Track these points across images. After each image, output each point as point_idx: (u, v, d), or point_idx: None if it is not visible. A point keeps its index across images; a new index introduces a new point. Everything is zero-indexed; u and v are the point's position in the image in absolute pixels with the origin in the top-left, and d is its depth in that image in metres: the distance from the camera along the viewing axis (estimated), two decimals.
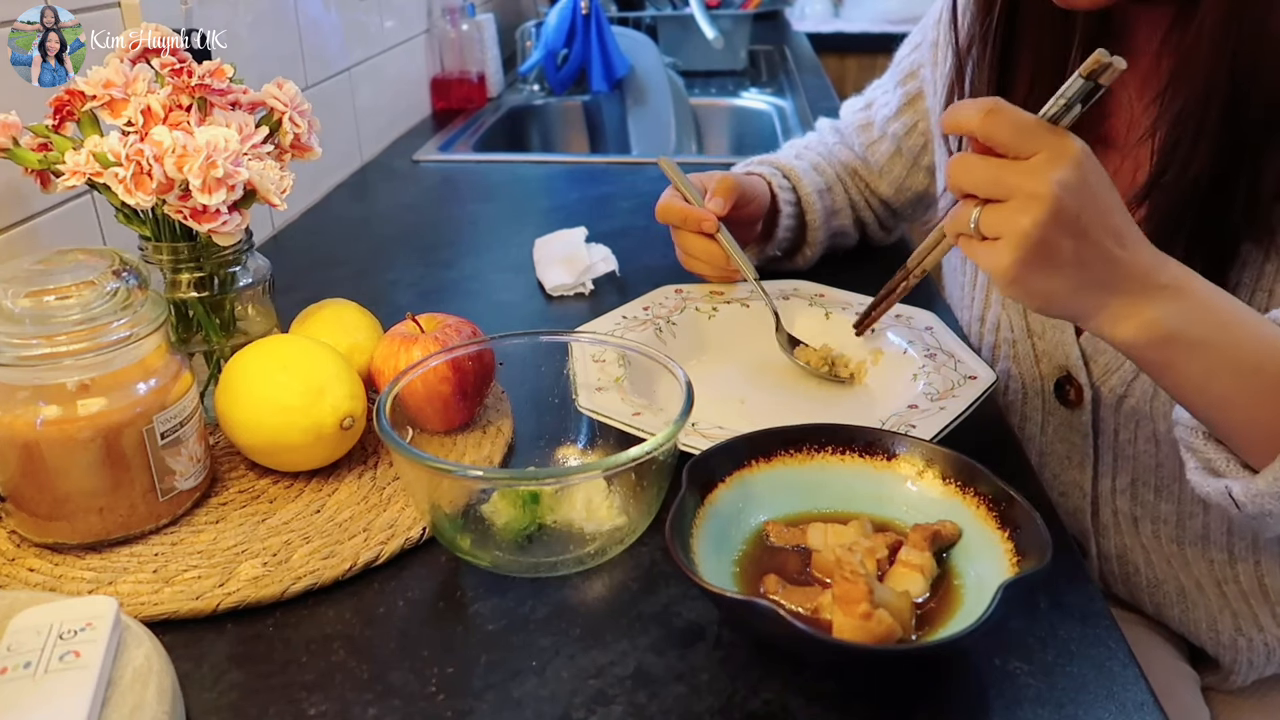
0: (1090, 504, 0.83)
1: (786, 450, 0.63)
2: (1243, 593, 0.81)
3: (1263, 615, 0.81)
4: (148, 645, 0.51)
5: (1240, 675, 0.83)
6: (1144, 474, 0.80)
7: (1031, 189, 0.53)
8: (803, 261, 1.01)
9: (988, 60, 0.77)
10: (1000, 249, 0.55)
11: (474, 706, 0.51)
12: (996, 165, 0.55)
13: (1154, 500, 0.80)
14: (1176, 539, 0.81)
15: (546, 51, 1.99)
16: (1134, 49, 0.73)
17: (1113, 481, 0.82)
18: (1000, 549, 0.55)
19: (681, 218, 0.88)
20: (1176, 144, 0.66)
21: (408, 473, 0.60)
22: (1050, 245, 0.54)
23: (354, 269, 1.11)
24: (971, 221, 0.56)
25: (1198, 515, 0.79)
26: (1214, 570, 0.81)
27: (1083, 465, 0.83)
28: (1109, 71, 0.53)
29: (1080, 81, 0.54)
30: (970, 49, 0.79)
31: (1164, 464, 0.78)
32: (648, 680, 0.53)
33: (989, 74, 0.77)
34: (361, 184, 1.44)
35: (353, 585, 0.60)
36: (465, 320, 0.75)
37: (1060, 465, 0.84)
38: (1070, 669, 0.53)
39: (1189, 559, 0.81)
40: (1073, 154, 0.54)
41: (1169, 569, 0.82)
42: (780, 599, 0.54)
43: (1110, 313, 0.57)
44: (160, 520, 0.64)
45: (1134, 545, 0.83)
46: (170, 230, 0.70)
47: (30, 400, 0.59)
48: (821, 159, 1.05)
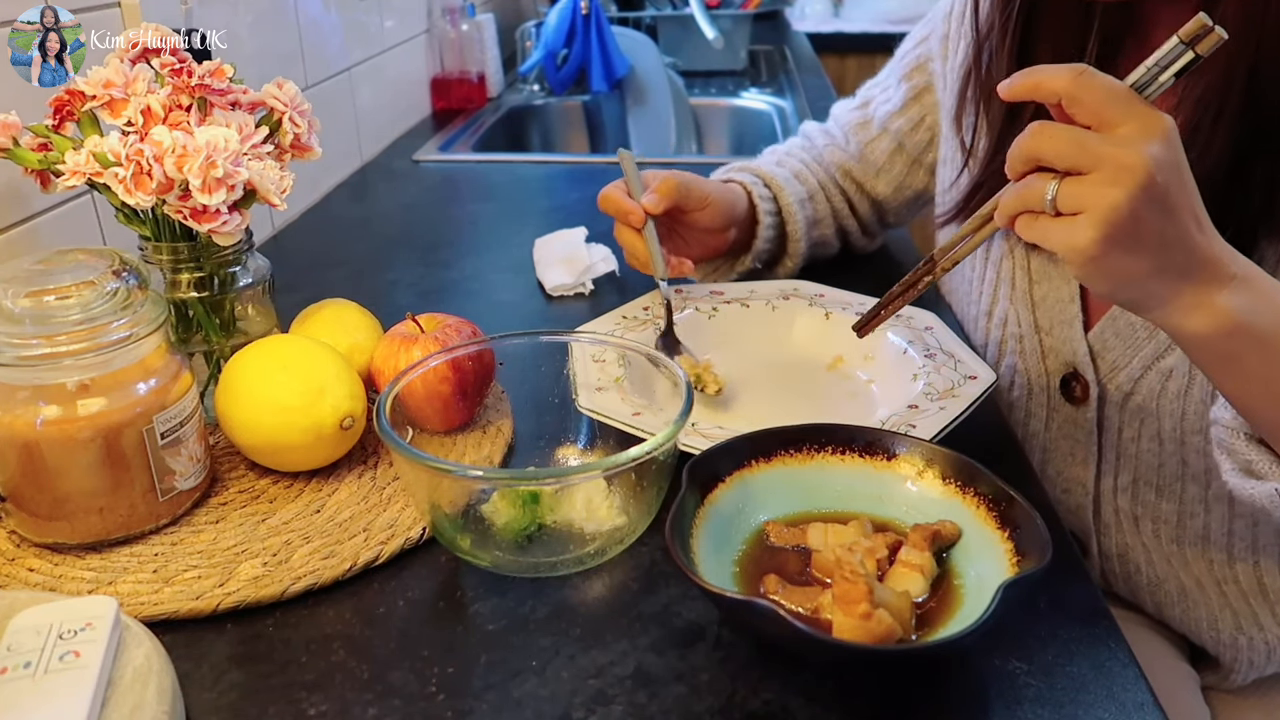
0: (1092, 502, 0.83)
1: (786, 450, 0.63)
2: (1242, 592, 0.81)
3: (1263, 614, 0.81)
4: (148, 645, 0.51)
5: (1240, 674, 0.83)
6: (1146, 473, 0.80)
7: (1124, 160, 0.50)
8: (783, 273, 0.99)
9: (1006, 50, 0.75)
10: (1082, 224, 0.51)
11: (474, 706, 0.51)
12: (1083, 133, 0.51)
13: (1155, 500, 0.80)
14: (1176, 539, 0.81)
15: (546, 51, 1.99)
16: (1155, 47, 0.73)
17: (1115, 480, 0.82)
18: (1000, 549, 0.55)
19: (614, 209, 0.87)
20: (1195, 131, 0.65)
21: (408, 473, 0.60)
22: (1139, 222, 0.50)
23: (354, 269, 1.11)
24: (1049, 194, 0.52)
25: (1198, 515, 0.79)
26: (1213, 570, 0.81)
27: (1085, 463, 0.83)
28: (1209, 39, 0.49)
29: (1179, 47, 0.50)
30: (989, 38, 0.77)
31: (1166, 463, 0.78)
32: (648, 680, 0.53)
33: (1007, 65, 0.75)
34: (361, 184, 1.44)
35: (353, 585, 0.60)
36: (465, 320, 0.75)
37: (1063, 462, 0.84)
38: (1070, 669, 0.53)
39: (1188, 559, 0.81)
40: (1164, 127, 0.51)
41: (1169, 568, 0.82)
42: (780, 599, 0.54)
43: (1183, 301, 0.54)
44: (160, 520, 0.64)
45: (1135, 544, 0.83)
46: (170, 230, 0.70)
47: (30, 400, 0.59)
48: (804, 166, 1.03)
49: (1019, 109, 0.76)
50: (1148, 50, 0.53)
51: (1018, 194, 0.54)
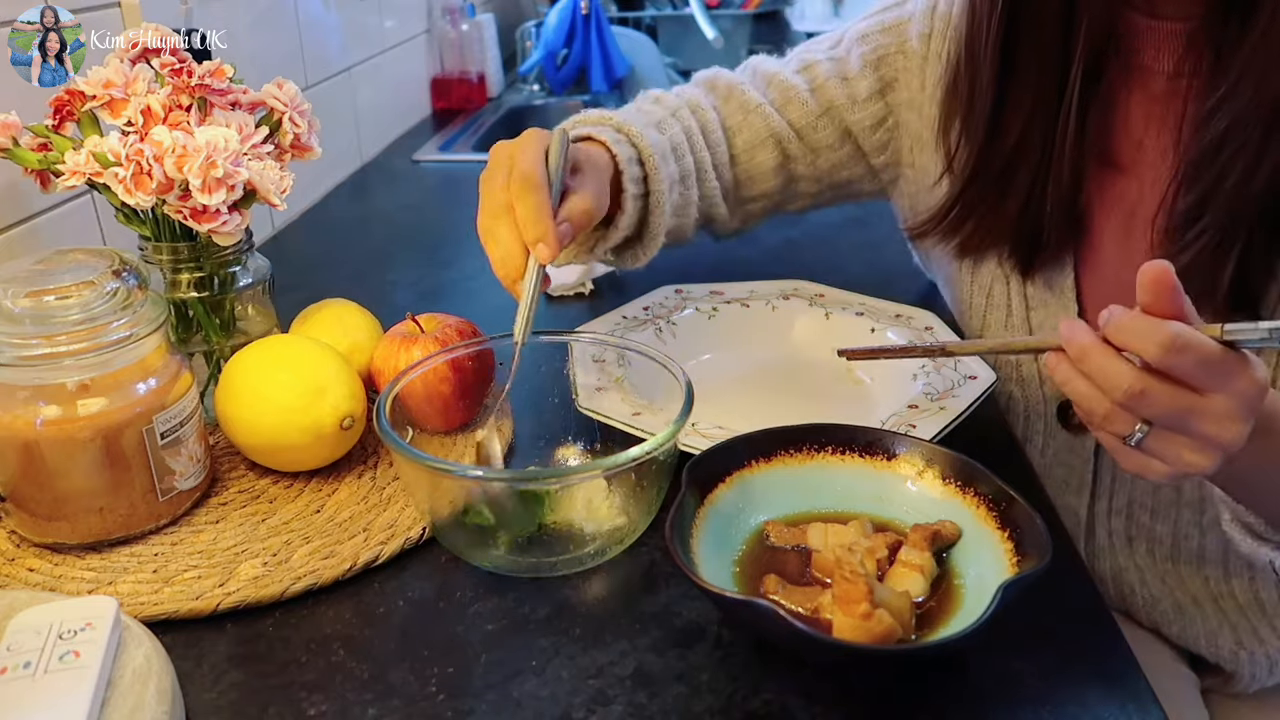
0: (1084, 529, 0.83)
1: (786, 450, 0.63)
2: (1240, 607, 0.80)
3: (1262, 629, 0.80)
4: (148, 645, 0.51)
5: (1244, 684, 0.83)
6: (1141, 496, 0.79)
7: (1214, 435, 0.50)
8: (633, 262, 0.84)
9: (989, 55, 0.73)
10: (1155, 468, 0.52)
11: (474, 706, 0.51)
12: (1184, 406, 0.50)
13: (1149, 522, 0.80)
14: (1171, 557, 0.80)
15: (546, 51, 2.00)
16: (1140, 66, 0.72)
17: (1109, 503, 0.81)
18: (1000, 549, 0.54)
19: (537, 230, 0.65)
20: (1234, 157, 0.65)
21: (408, 473, 0.60)
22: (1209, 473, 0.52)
23: (354, 269, 1.11)
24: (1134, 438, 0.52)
25: (1193, 538, 0.78)
26: (1209, 586, 0.80)
27: (1080, 490, 0.82)
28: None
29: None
30: (975, 44, 0.74)
31: (1159, 489, 0.78)
32: (648, 680, 0.53)
33: (990, 74, 0.73)
34: (361, 184, 1.44)
35: (353, 585, 0.60)
36: (465, 320, 0.75)
37: (1056, 489, 0.83)
38: (1070, 669, 0.53)
39: (1184, 576, 0.81)
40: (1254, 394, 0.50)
41: (1164, 587, 0.82)
42: (780, 599, 0.54)
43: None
44: (160, 520, 0.64)
45: (1129, 565, 0.82)
46: (170, 230, 0.70)
47: (30, 400, 0.59)
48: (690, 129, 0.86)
49: (1003, 122, 0.74)
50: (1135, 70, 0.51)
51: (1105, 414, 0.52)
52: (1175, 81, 0.71)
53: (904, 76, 0.87)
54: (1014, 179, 0.75)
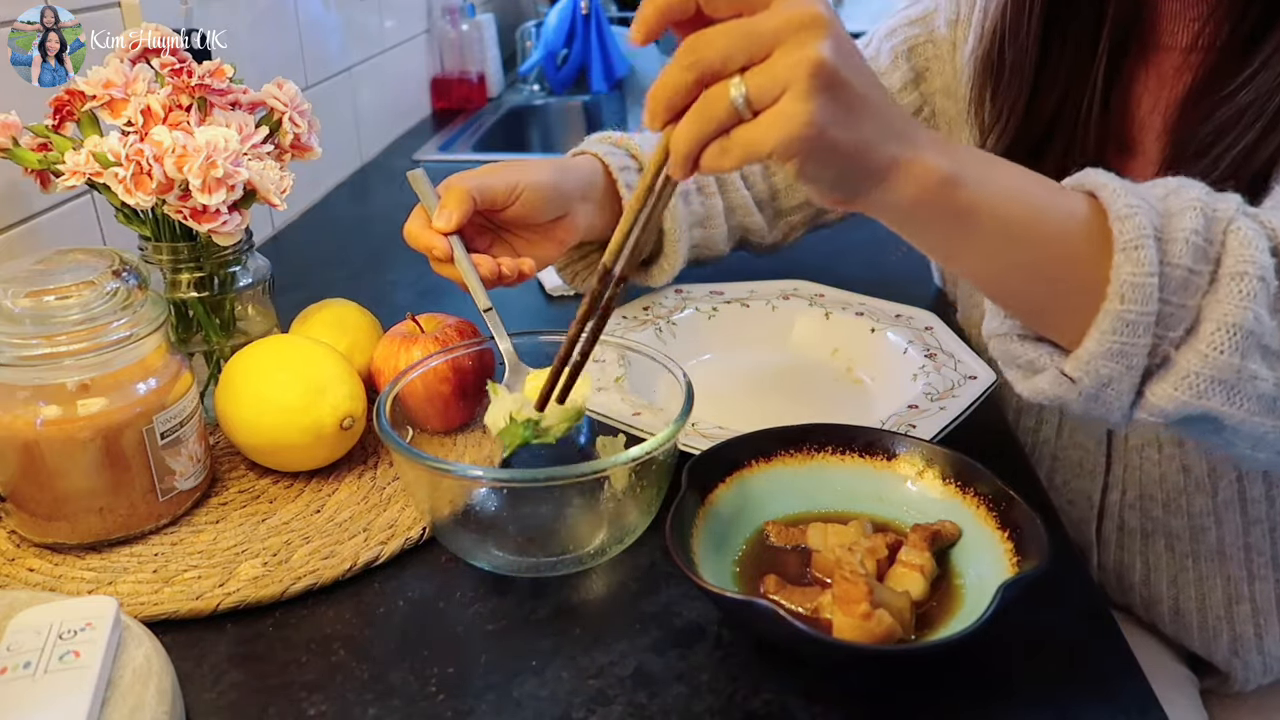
0: (1096, 516, 0.83)
1: (786, 450, 0.63)
2: (1253, 612, 0.80)
3: (1267, 638, 0.80)
4: (148, 645, 0.51)
5: (1239, 685, 0.83)
6: (1151, 487, 0.79)
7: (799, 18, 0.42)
8: (659, 276, 0.85)
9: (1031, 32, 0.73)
10: (789, 102, 0.42)
11: (474, 706, 0.51)
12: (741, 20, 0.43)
13: (1163, 515, 0.79)
14: (1192, 553, 0.80)
15: (546, 51, 1.99)
16: (1155, 44, 0.72)
17: (1121, 494, 0.81)
18: (1000, 549, 0.54)
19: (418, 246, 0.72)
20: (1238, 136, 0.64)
21: (408, 473, 0.60)
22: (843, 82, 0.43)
23: (354, 269, 1.11)
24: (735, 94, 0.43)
25: (1210, 529, 0.78)
26: (1228, 587, 0.80)
27: (1093, 475, 0.82)
28: None
29: None
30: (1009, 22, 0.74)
31: (1168, 477, 0.78)
32: (648, 680, 0.53)
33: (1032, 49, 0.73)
34: (361, 184, 1.44)
35: (353, 585, 0.60)
36: (465, 320, 0.75)
37: (1071, 472, 0.83)
38: (1070, 669, 0.53)
39: (1204, 574, 0.80)
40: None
41: (1174, 587, 0.81)
42: (780, 599, 0.54)
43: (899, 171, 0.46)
44: (160, 520, 0.64)
45: (1132, 562, 0.82)
46: (170, 230, 0.70)
47: (30, 400, 0.59)
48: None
49: (1039, 100, 0.74)
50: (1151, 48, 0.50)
51: (694, 121, 0.44)
52: (1186, 57, 0.71)
53: (935, 64, 0.88)
54: (1044, 158, 0.75)
